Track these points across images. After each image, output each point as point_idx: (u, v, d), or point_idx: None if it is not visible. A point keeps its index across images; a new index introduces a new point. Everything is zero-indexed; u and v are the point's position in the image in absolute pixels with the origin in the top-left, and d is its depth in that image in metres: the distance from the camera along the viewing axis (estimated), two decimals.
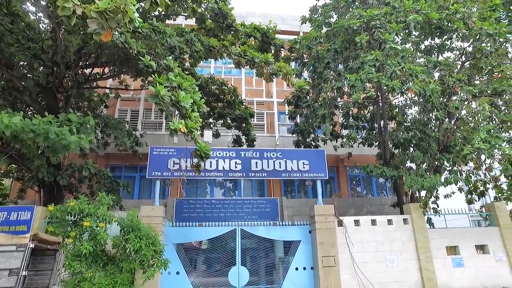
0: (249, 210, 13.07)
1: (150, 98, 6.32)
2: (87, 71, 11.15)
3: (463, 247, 10.15)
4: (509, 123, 9.96)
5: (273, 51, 11.74)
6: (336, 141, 11.93)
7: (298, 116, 12.50)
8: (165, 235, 8.94)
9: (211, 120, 13.15)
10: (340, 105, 12.26)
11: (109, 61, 9.41)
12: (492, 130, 8.79)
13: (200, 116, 6.89)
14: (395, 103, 13.25)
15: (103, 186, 10.19)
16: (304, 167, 10.06)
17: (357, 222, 9.71)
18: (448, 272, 9.83)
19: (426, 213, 10.40)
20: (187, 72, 11.46)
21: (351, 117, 12.66)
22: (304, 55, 11.83)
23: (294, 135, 12.76)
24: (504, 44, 10.35)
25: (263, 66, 9.22)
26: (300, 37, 11.86)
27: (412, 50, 11.88)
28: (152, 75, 6.77)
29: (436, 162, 11.05)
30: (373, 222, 9.79)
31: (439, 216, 11.40)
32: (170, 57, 8.41)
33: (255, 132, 14.45)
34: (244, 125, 12.80)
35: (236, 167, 9.99)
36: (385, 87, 8.93)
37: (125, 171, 14.62)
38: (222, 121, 13.32)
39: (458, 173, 12.57)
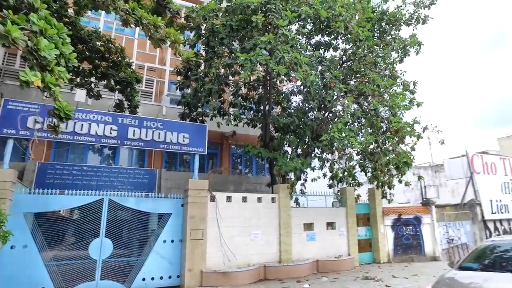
0: (125, 180, 12.38)
1: None
2: None
3: (317, 224, 11.64)
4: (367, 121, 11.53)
5: (168, 16, 11.03)
6: (223, 118, 12.10)
7: (188, 88, 12.20)
8: (14, 203, 7.74)
9: (93, 79, 11.79)
10: (230, 83, 12.40)
11: None
12: (349, 124, 10.07)
13: (69, 71, 6.02)
14: (283, 89, 14.09)
15: None
16: (184, 141, 9.93)
17: (229, 198, 10.14)
18: (302, 245, 11.18)
19: (293, 193, 11.52)
20: (67, 20, 9.99)
21: (240, 97, 12.97)
22: (201, 27, 11.47)
23: (180, 106, 12.44)
24: (374, 55, 11.86)
25: (151, 29, 8.54)
26: (198, 7, 11.40)
27: (304, 43, 12.73)
28: (7, 10, 5.57)
29: (309, 149, 12.24)
30: (244, 199, 10.38)
31: (304, 197, 12.81)
32: None
33: (142, 100, 13.60)
34: (128, 89, 11.87)
35: (111, 133, 9.24)
36: (273, 72, 9.30)
37: None
38: (105, 82, 12.08)
39: (325, 160, 14.34)
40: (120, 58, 11.66)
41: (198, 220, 9.36)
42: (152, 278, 8.90)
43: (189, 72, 11.66)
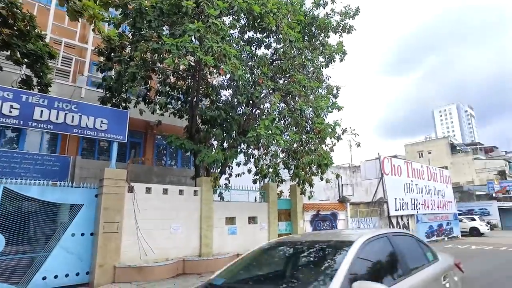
0: (30, 167, 11.06)
1: None
2: None
3: (239, 218, 11.74)
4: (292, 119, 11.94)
5: None
6: (148, 106, 11.49)
7: (110, 70, 11.31)
8: None
9: None
10: (158, 70, 11.83)
11: None
12: (276, 122, 10.33)
13: None
14: (213, 82, 13.90)
15: None
16: (101, 126, 9.16)
17: (148, 190, 9.66)
18: (223, 238, 11.18)
19: (218, 187, 11.44)
20: None
21: (168, 86, 12.48)
22: (128, 6, 10.70)
23: (101, 90, 11.49)
24: (303, 57, 12.31)
25: None
26: None
27: (237, 37, 12.68)
28: None
29: (235, 143, 12.27)
30: (165, 191, 9.99)
31: (228, 191, 12.83)
32: None
33: (59, 79, 12.27)
34: (39, 65, 10.55)
35: (11, 111, 8.09)
36: (202, 62, 9.03)
37: None
38: (9, 53, 10.56)
39: (251, 156, 14.54)
40: (28, 28, 10.29)
41: (113, 212, 8.73)
42: (56, 276, 8.02)
43: (112, 54, 10.82)
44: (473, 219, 28.33)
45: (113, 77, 10.99)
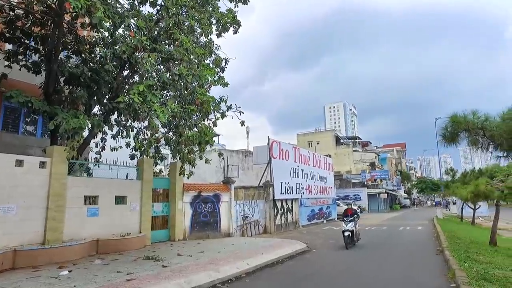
0: None
1: None
2: None
3: (103, 197, 10.01)
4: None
5: None
6: None
7: None
8: None
9: None
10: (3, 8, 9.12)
11: None
12: (154, 89, 8.91)
13: None
14: (85, 37, 11.54)
15: None
16: None
17: None
18: (80, 221, 9.35)
19: (76, 159, 9.47)
20: None
21: (19, 30, 9.80)
22: None
23: None
24: (189, 16, 10.93)
25: None
26: None
27: None
28: None
29: (105, 109, 10.37)
30: None
31: (92, 166, 10.92)
32: None
33: None
34: None
35: None
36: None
37: None
38: None
39: (130, 129, 12.75)
40: None
41: None
42: None
43: None
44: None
45: None
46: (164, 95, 10.74)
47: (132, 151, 12.43)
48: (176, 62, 9.63)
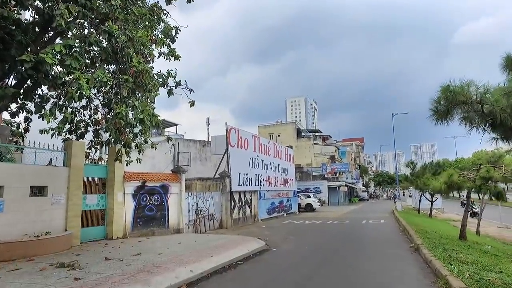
0: None
1: None
2: None
3: (13, 188, 8.00)
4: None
5: None
6: None
7: None
8: None
9: None
10: None
11: None
12: (77, 51, 7.11)
13: None
14: None
15: None
16: None
17: None
18: None
19: None
20: None
21: None
22: None
23: None
24: None
25: None
26: None
27: None
28: None
29: (14, 72, 8.28)
30: None
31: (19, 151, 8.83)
32: None
33: None
34: None
35: None
36: None
37: None
38: None
39: (65, 108, 10.66)
40: None
41: None
42: None
43: None
44: (309, 196, 31.09)
45: None
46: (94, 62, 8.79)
47: (66, 134, 10.43)
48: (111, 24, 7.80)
